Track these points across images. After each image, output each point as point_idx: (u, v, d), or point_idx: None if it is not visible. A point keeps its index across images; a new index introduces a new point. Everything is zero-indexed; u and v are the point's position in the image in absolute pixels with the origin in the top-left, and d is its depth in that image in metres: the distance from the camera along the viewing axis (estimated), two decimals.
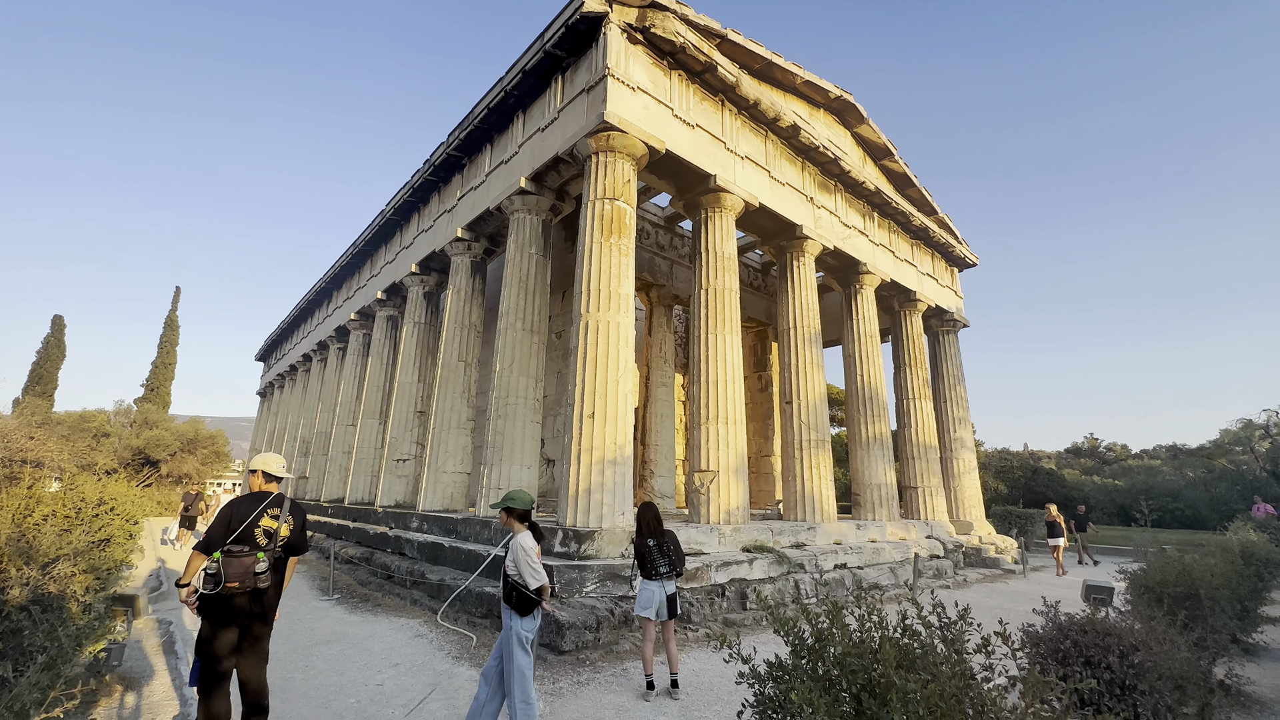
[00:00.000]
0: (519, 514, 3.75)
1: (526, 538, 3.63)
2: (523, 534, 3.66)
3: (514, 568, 3.54)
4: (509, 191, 10.35)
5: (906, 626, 2.19)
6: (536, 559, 3.57)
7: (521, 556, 3.52)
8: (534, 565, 3.53)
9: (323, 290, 21.36)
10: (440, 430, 11.38)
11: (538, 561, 3.57)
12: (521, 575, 3.50)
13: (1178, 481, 32.42)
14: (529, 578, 3.50)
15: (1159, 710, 3.04)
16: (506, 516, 3.76)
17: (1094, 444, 55.15)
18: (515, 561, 3.54)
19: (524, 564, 3.51)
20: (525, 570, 3.50)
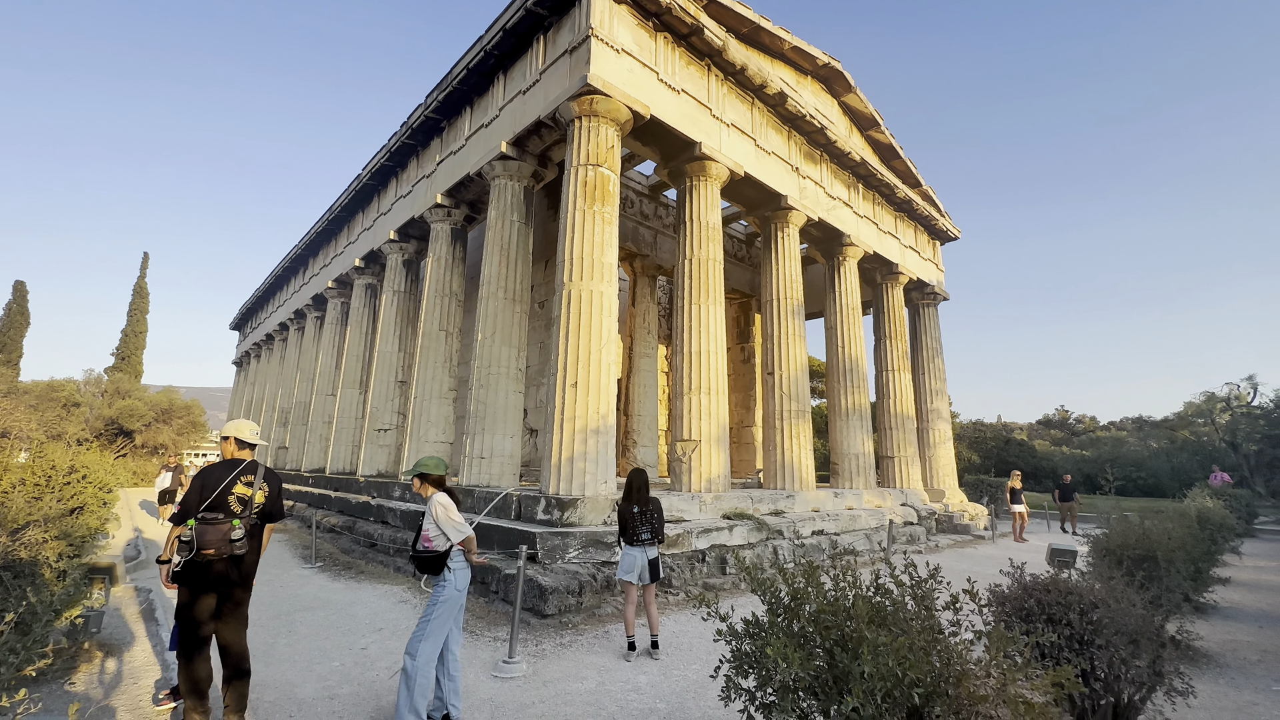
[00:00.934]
0: (434, 480, 3.75)
1: (443, 496, 3.64)
2: (438, 494, 3.66)
3: (435, 529, 3.55)
4: (489, 157, 10.09)
5: (879, 586, 2.25)
6: (457, 513, 3.58)
7: (441, 514, 3.54)
8: (455, 519, 3.55)
9: (298, 257, 20.83)
10: (422, 400, 11.30)
11: (459, 515, 3.59)
12: (445, 532, 3.53)
13: (1142, 452, 33.65)
14: (452, 532, 3.53)
15: (1113, 663, 3.20)
16: (420, 483, 3.75)
17: (1064, 416, 56.79)
18: (437, 521, 3.54)
19: (445, 521, 3.52)
20: (448, 527, 3.52)
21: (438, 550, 3.53)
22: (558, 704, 3.87)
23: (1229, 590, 8.17)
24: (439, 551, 3.53)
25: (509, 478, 9.33)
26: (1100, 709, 3.31)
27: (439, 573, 3.52)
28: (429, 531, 3.58)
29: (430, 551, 3.54)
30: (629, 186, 14.22)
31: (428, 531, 3.58)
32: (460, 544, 3.58)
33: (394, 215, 13.94)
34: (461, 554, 3.61)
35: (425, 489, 3.75)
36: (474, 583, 6.87)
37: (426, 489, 3.74)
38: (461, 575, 3.59)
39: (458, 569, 3.57)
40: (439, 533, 3.55)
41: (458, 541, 3.56)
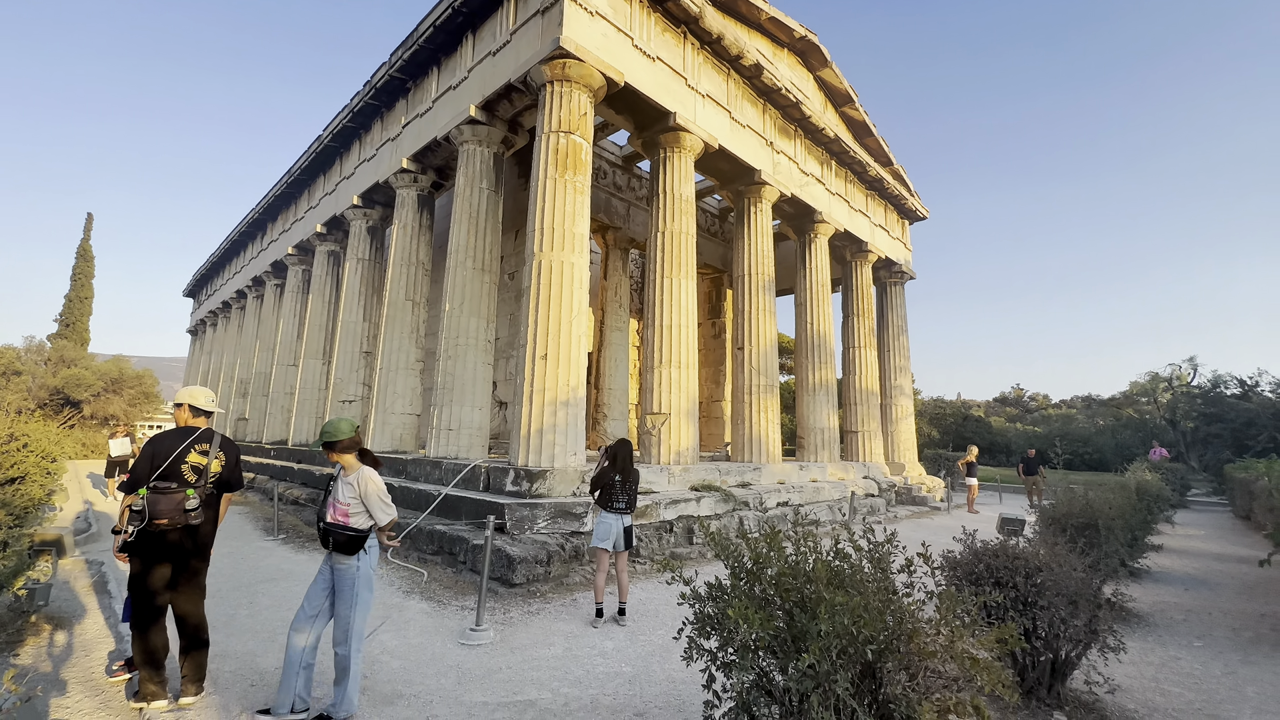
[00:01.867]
0: (348, 444, 3.27)
1: (373, 472, 3.28)
2: (366, 469, 3.28)
3: (358, 505, 3.20)
4: (457, 121, 9.75)
5: (839, 551, 2.32)
6: (386, 493, 3.29)
7: (374, 491, 3.21)
8: (387, 499, 3.27)
9: (256, 221, 19.96)
10: (388, 371, 11.07)
11: (388, 495, 3.31)
12: (371, 511, 3.21)
13: (1089, 429, 35.32)
14: (380, 513, 3.23)
15: (1053, 622, 3.40)
16: (330, 452, 3.28)
17: (1019, 394, 59.09)
18: (364, 497, 3.20)
19: (374, 500, 3.21)
20: (376, 506, 3.21)
21: (359, 530, 3.18)
22: (524, 669, 3.92)
23: (1161, 556, 8.72)
24: (361, 531, 3.19)
25: (477, 450, 9.27)
26: (1040, 664, 3.51)
27: (354, 554, 3.17)
28: (349, 506, 3.18)
29: (351, 530, 3.17)
30: (602, 157, 13.97)
31: (347, 505, 3.18)
32: (385, 526, 3.30)
33: (357, 179, 13.42)
34: (374, 535, 3.31)
35: (340, 458, 3.28)
36: (442, 553, 6.86)
37: (345, 459, 3.28)
38: (374, 555, 3.30)
39: (371, 549, 3.28)
40: (361, 509, 3.21)
41: (384, 524, 3.27)
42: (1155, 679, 4.07)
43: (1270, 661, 4.49)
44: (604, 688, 3.68)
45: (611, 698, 3.55)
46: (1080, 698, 3.59)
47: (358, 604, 3.17)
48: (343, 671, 3.13)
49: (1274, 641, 4.97)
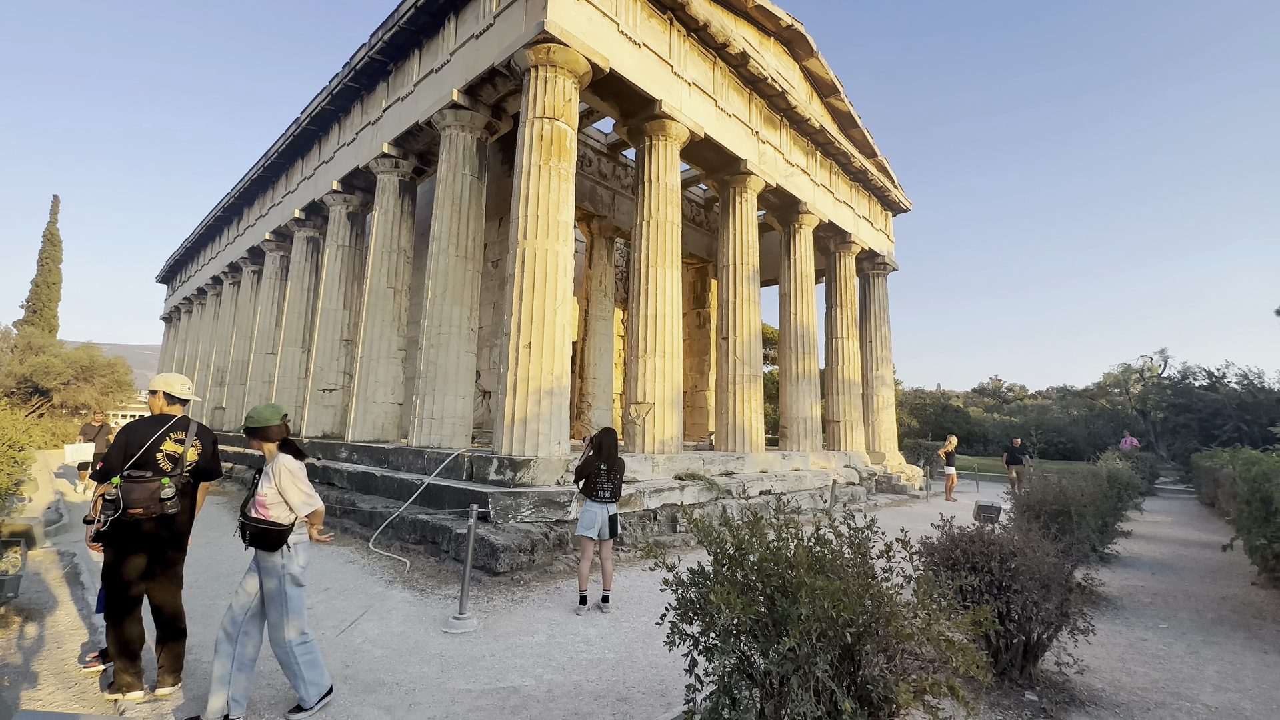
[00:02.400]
0: (271, 432, 3.08)
1: (290, 460, 3.06)
2: (282, 456, 3.07)
3: (275, 496, 2.98)
4: (440, 105, 9.59)
5: (820, 537, 2.36)
6: (306, 481, 3.06)
7: (287, 481, 2.97)
8: (304, 488, 3.02)
9: (232, 206, 19.48)
10: (369, 359, 10.93)
11: (308, 484, 3.07)
12: (289, 502, 2.98)
13: (1064, 419, 36.14)
14: (299, 502, 2.99)
15: (1026, 605, 3.48)
16: (253, 440, 3.11)
17: (997, 385, 60.21)
18: (280, 488, 2.97)
19: (290, 489, 2.97)
20: (294, 496, 2.98)
21: (280, 523, 2.96)
22: (508, 656, 3.93)
23: (1130, 542, 8.99)
24: (282, 525, 2.96)
25: (461, 439, 9.21)
26: (1013, 646, 3.61)
27: (276, 550, 2.96)
28: (266, 497, 2.98)
29: (269, 524, 2.95)
30: (587, 144, 13.84)
31: (264, 497, 2.98)
32: (307, 518, 3.06)
33: (337, 164, 13.15)
34: (303, 528, 3.10)
35: (263, 446, 3.09)
36: (424, 542, 6.83)
37: (266, 447, 3.09)
38: (303, 553, 3.08)
39: (299, 545, 3.05)
40: (279, 500, 2.98)
41: (304, 515, 3.02)
42: (1122, 659, 4.20)
43: (1230, 641, 4.66)
44: (587, 674, 3.71)
45: (595, 683, 3.57)
46: (1051, 678, 3.70)
47: (288, 605, 2.97)
48: (288, 669, 3.03)
49: (1234, 623, 5.16)
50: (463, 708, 3.21)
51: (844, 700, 1.70)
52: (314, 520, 3.11)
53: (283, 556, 2.98)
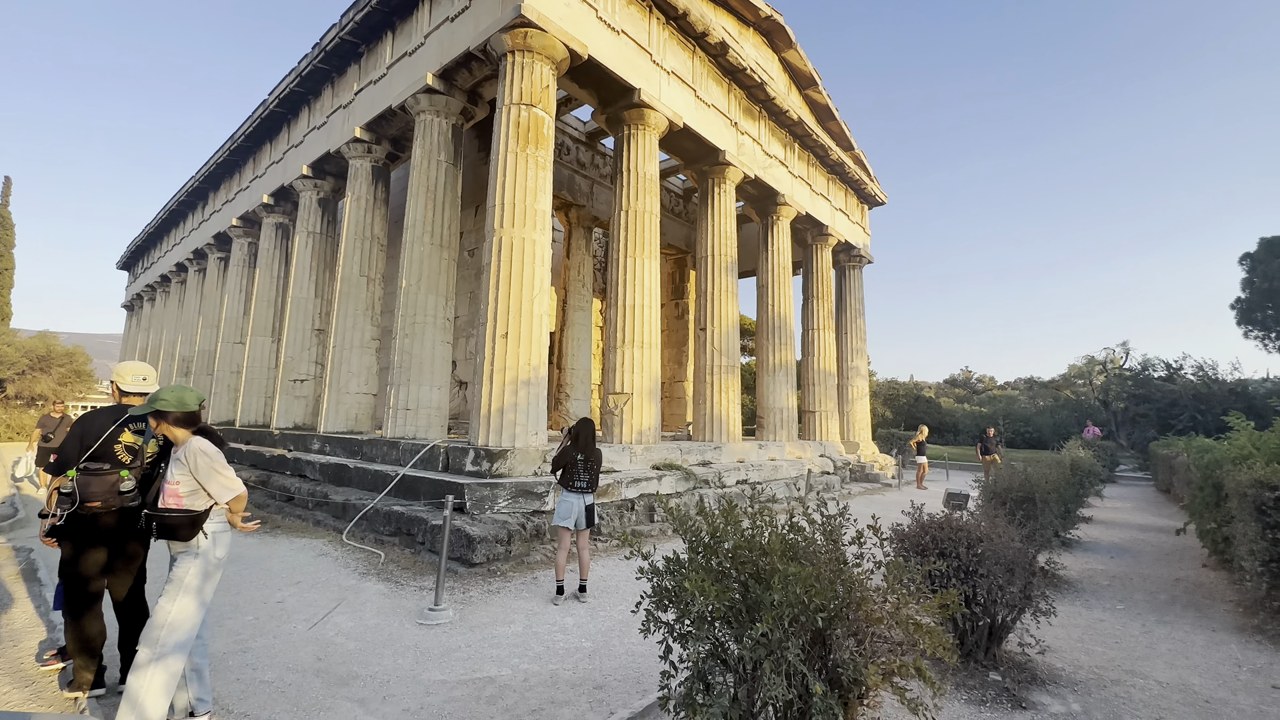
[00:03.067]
0: (180, 418, 2.81)
1: (203, 443, 2.81)
2: (196, 439, 2.82)
3: (190, 482, 2.75)
4: (414, 89, 9.37)
5: (793, 524, 2.39)
6: (225, 465, 2.83)
7: (204, 465, 2.73)
8: (224, 472, 2.80)
9: (196, 191, 18.83)
10: (342, 349, 10.72)
11: (229, 468, 2.84)
12: (205, 488, 2.76)
13: (1030, 409, 37.19)
14: (217, 488, 2.77)
15: (992, 589, 3.59)
16: (159, 423, 2.82)
17: (968, 376, 61.65)
18: (195, 473, 2.73)
19: (207, 474, 2.74)
20: (211, 481, 2.75)
21: (192, 510, 2.74)
22: (484, 647, 3.92)
23: (1091, 527, 9.32)
24: (195, 511, 2.74)
25: (436, 430, 9.11)
26: (979, 629, 3.72)
27: (190, 539, 2.73)
28: (179, 484, 2.75)
29: (181, 512, 2.72)
30: (565, 132, 13.68)
31: (177, 484, 2.75)
32: (228, 504, 2.84)
33: (307, 149, 12.79)
34: (223, 516, 2.86)
35: (171, 430, 2.82)
36: (399, 534, 6.75)
37: (176, 432, 2.82)
38: (222, 541, 2.85)
39: (218, 533, 2.82)
40: (194, 488, 2.76)
41: (224, 501, 2.81)
42: (1081, 640, 4.37)
43: (1181, 621, 4.88)
44: (564, 663, 3.72)
45: (571, 672, 3.59)
46: (1014, 659, 3.82)
47: (178, 600, 2.69)
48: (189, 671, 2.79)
49: (1185, 603, 5.39)
50: (438, 699, 3.20)
51: (815, 683, 1.73)
52: (235, 506, 2.89)
53: (198, 546, 2.75)
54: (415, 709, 3.08)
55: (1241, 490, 4.76)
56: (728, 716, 1.87)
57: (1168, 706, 3.33)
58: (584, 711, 3.11)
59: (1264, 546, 4.41)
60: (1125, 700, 3.39)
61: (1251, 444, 6.04)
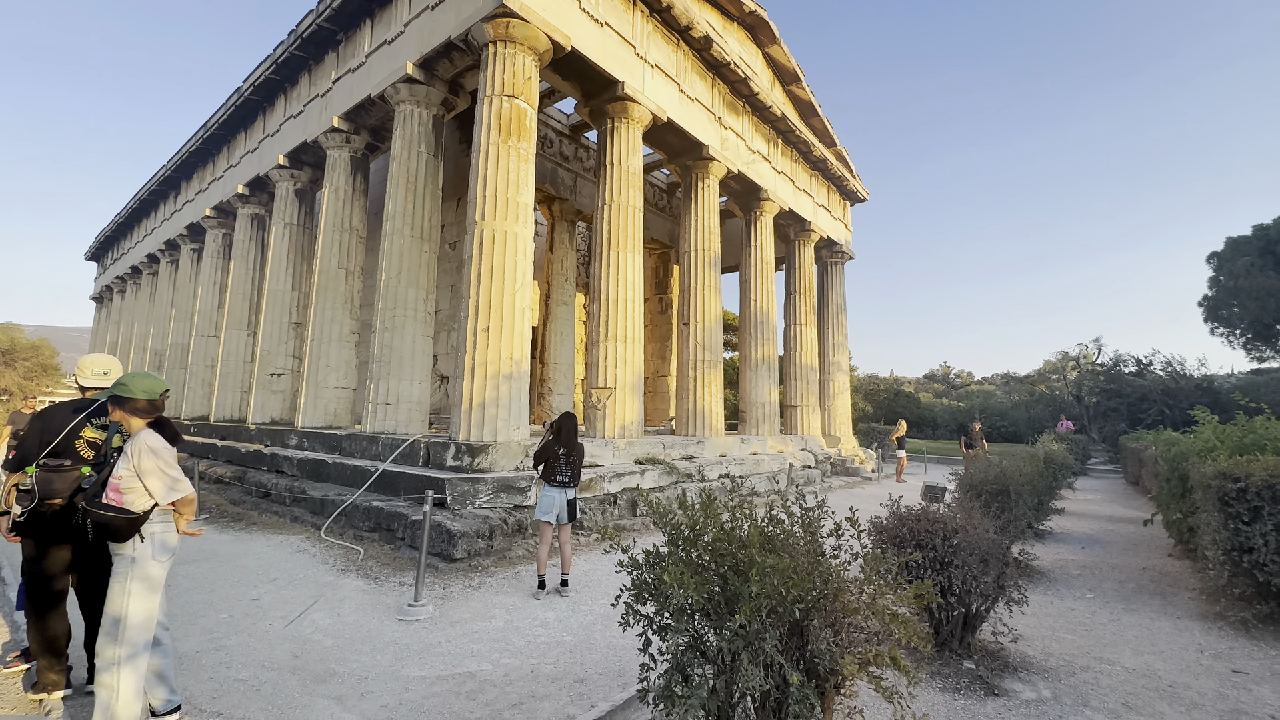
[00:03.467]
0: (140, 407, 2.66)
1: (153, 436, 2.65)
2: (145, 432, 2.66)
3: (132, 479, 2.57)
4: (394, 79, 9.21)
5: (772, 516, 2.41)
6: (172, 462, 2.65)
7: (149, 461, 2.56)
8: (168, 471, 2.61)
9: (168, 180, 18.33)
10: (320, 343, 10.54)
11: (176, 467, 2.67)
12: (146, 486, 2.58)
13: (1006, 403, 37.94)
14: (160, 487, 2.59)
15: (966, 579, 3.66)
16: (117, 409, 2.67)
17: (946, 371, 62.68)
18: (139, 469, 2.56)
19: (152, 471, 2.57)
20: (154, 478, 2.57)
21: (131, 511, 2.55)
22: (464, 642, 3.90)
23: (1063, 519, 9.54)
24: (134, 513, 2.55)
25: (417, 424, 9.01)
26: (953, 618, 3.79)
27: (124, 540, 2.57)
28: (121, 480, 2.57)
29: (120, 511, 2.54)
30: (548, 125, 13.57)
31: (119, 480, 2.57)
32: (172, 505, 2.66)
33: (283, 138, 12.52)
34: (169, 517, 2.69)
35: (126, 418, 2.67)
36: (379, 530, 6.68)
37: (128, 419, 2.66)
38: (163, 541, 2.66)
39: (161, 533, 2.64)
40: (137, 484, 2.57)
41: (167, 502, 2.62)
42: (1052, 628, 4.47)
43: (1148, 609, 5.02)
44: (545, 657, 3.71)
45: (553, 666, 3.58)
46: (987, 647, 3.90)
47: (129, 602, 2.53)
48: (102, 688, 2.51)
49: (1152, 591, 5.56)
50: (417, 694, 3.17)
51: (792, 673, 1.74)
52: (182, 509, 2.71)
53: (134, 549, 2.56)
54: (394, 705, 3.06)
55: (1206, 482, 4.90)
56: (706, 708, 1.88)
57: (1133, 691, 3.43)
58: (565, 705, 3.11)
59: (1226, 536, 4.55)
60: (1093, 686, 3.48)
61: (1215, 437, 6.23)
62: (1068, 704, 3.24)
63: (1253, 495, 4.39)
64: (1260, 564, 4.36)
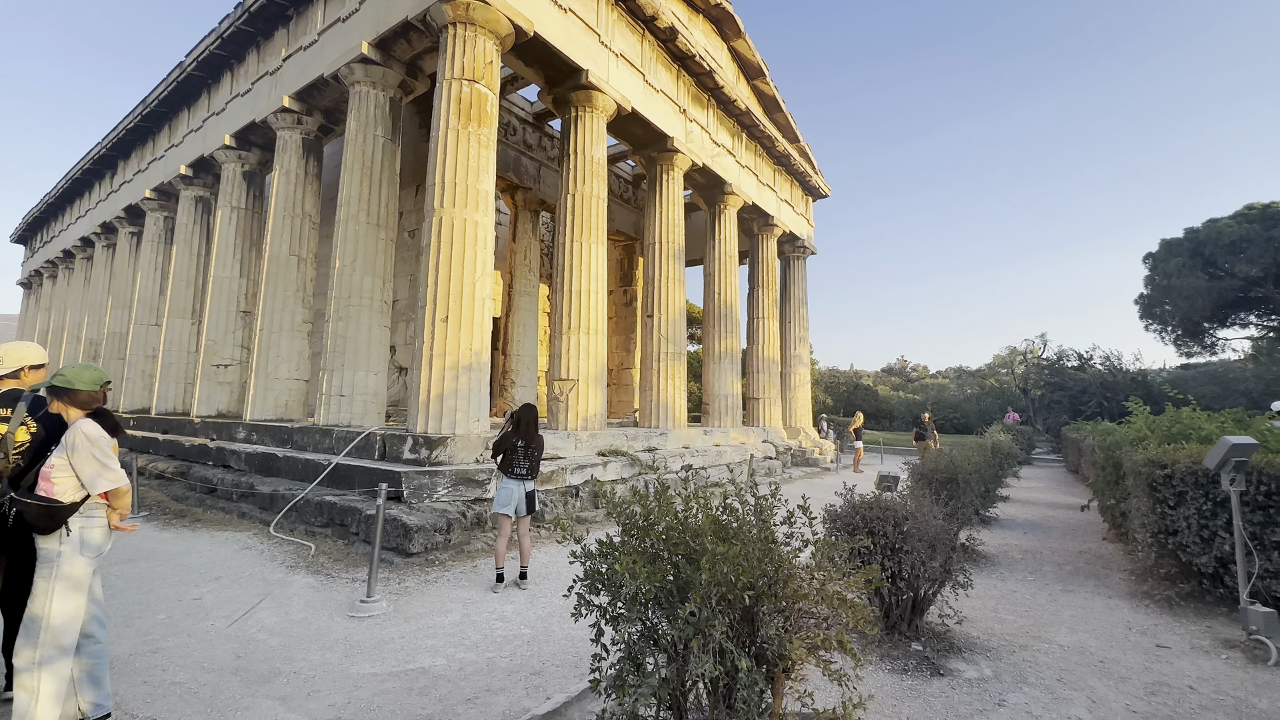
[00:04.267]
0: (80, 399, 2.62)
1: (91, 425, 2.57)
2: (82, 421, 2.58)
3: (66, 468, 2.50)
4: (348, 58, 8.87)
5: (727, 506, 2.42)
6: (109, 453, 2.56)
7: (84, 449, 2.48)
8: (102, 459, 2.52)
9: (104, 158, 17.26)
10: (270, 333, 10.13)
11: (113, 457, 2.57)
12: (80, 475, 2.49)
13: (959, 396, 39.39)
14: (95, 477, 2.49)
15: (915, 565, 3.78)
16: (56, 401, 2.64)
17: (903, 365, 64.65)
18: (72, 459, 2.49)
19: (86, 460, 2.48)
20: (89, 468, 2.48)
21: (58, 502, 2.46)
22: (418, 638, 3.82)
23: (1008, 506, 9.97)
24: (58, 504, 2.46)
25: (373, 417, 8.77)
26: (903, 602, 3.91)
27: (49, 532, 2.47)
28: (53, 469, 2.50)
29: (46, 501, 2.45)
30: (512, 112, 13.32)
31: (51, 469, 2.50)
32: (105, 497, 2.57)
33: (230, 117, 11.92)
34: (101, 511, 2.60)
35: (65, 410, 2.62)
36: (332, 525, 6.48)
37: (67, 411, 2.62)
38: (96, 535, 2.57)
39: (88, 527, 2.55)
40: (69, 475, 2.49)
41: (98, 492, 2.52)
42: (995, 610, 4.67)
43: (1083, 589, 5.30)
44: (501, 650, 3.67)
45: (509, 659, 3.54)
46: (935, 629, 4.04)
47: (53, 601, 2.42)
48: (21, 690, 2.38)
49: (1087, 573, 5.86)
50: (367, 692, 3.09)
51: (740, 659, 1.76)
52: (115, 502, 2.61)
53: (60, 542, 2.47)
54: (342, 704, 2.97)
55: (1136, 469, 5.18)
56: (658, 695, 1.89)
57: (1067, 668, 3.61)
58: (520, 698, 3.08)
59: (1154, 520, 4.83)
60: (1031, 664, 3.65)
61: (1146, 427, 6.60)
62: (1007, 681, 3.39)
63: (1178, 481, 4.66)
64: (1183, 545, 4.64)
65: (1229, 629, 4.24)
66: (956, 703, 3.13)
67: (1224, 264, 23.27)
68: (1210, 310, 24.94)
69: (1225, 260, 23.10)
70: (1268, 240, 21.58)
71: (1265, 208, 22.73)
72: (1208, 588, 4.72)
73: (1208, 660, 3.76)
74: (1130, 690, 3.33)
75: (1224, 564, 4.50)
